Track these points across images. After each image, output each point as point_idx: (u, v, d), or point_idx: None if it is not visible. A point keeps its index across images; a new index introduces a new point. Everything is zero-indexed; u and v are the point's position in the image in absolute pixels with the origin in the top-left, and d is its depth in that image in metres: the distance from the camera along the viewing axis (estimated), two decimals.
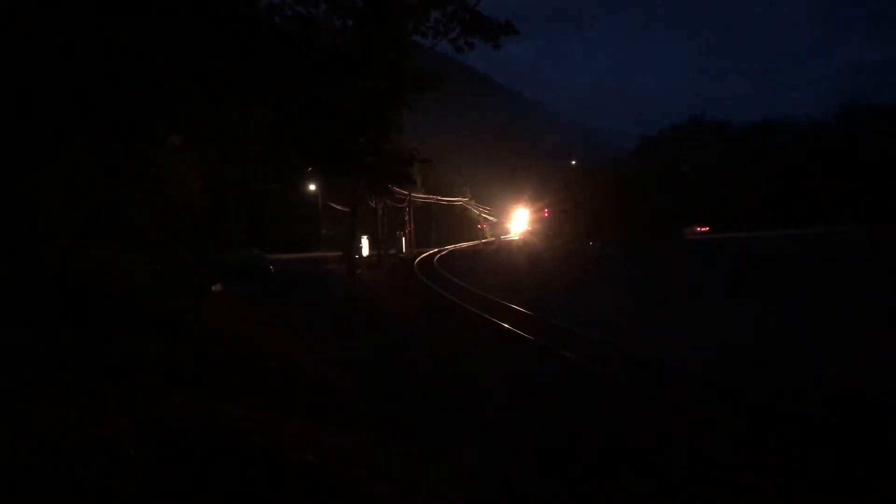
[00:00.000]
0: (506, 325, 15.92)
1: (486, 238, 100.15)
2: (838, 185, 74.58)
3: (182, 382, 8.99)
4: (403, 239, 65.31)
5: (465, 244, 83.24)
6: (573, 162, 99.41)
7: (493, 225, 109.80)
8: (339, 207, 50.67)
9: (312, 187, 61.23)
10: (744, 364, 11.90)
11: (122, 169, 12.81)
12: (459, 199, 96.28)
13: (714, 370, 11.30)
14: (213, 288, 22.04)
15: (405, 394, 10.02)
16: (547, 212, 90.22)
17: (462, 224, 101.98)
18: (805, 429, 8.04)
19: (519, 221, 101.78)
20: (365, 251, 50.44)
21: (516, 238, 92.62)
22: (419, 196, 74.10)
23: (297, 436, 7.44)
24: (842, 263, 33.82)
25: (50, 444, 5.59)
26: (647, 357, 12.30)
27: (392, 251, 59.21)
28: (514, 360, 12.74)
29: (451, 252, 64.65)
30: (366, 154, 19.64)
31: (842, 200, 73.65)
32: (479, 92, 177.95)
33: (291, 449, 7.04)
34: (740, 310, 19.68)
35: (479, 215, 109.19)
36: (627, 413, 8.94)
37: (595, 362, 11.82)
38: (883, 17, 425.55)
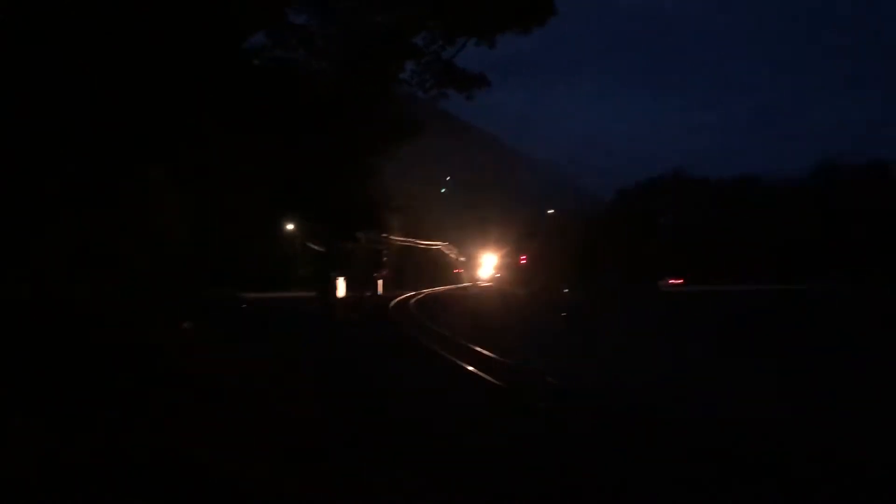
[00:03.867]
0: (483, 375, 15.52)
1: (462, 283, 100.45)
2: (813, 242, 76.43)
3: (143, 417, 9.06)
4: (380, 281, 65.29)
5: (441, 288, 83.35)
6: (550, 210, 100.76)
7: (468, 269, 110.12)
8: (316, 248, 50.73)
9: (290, 226, 61.30)
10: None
11: (102, 200, 12.97)
12: (437, 243, 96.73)
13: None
14: (184, 324, 21.95)
15: (368, 433, 10.09)
16: (524, 258, 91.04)
17: (439, 268, 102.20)
18: None
19: (489, 266, 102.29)
20: (340, 292, 50.36)
21: (490, 284, 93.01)
22: (397, 238, 74.44)
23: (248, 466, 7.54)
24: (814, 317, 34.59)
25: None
26: None
27: (368, 293, 59.11)
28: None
29: (427, 296, 64.73)
30: (336, 200, 19.87)
31: (816, 256, 75.36)
32: (460, 138, 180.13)
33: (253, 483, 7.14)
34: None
35: (457, 259, 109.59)
36: None
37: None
38: (858, 79, 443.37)
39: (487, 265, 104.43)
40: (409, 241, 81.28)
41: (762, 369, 18.25)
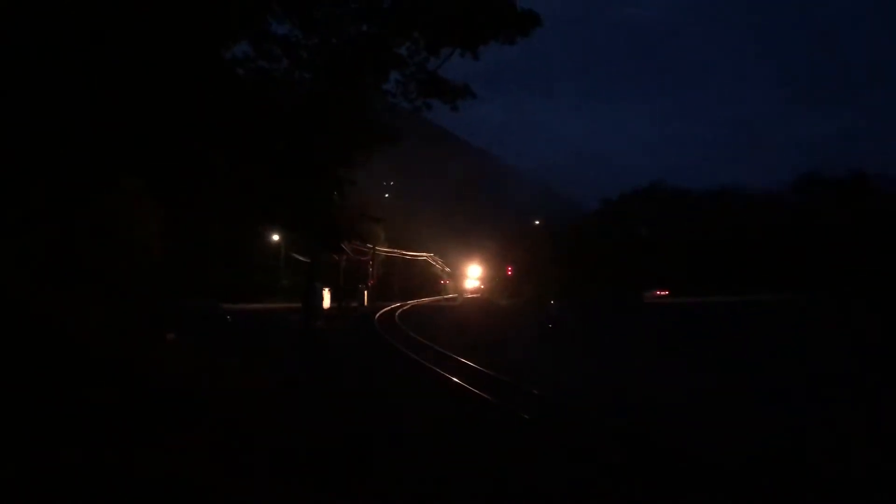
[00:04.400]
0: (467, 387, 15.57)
1: (448, 294, 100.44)
2: (793, 254, 76.96)
3: (126, 433, 8.89)
4: (365, 292, 65.10)
5: (427, 299, 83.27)
6: (536, 221, 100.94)
7: (454, 280, 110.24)
8: (301, 258, 50.50)
9: (276, 237, 61.01)
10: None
11: (76, 211, 12.80)
12: (423, 254, 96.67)
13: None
14: (167, 336, 21.68)
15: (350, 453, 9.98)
16: (510, 270, 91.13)
17: (425, 279, 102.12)
18: None
19: (474, 278, 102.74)
20: (326, 303, 50.14)
21: (476, 295, 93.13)
22: (383, 250, 74.29)
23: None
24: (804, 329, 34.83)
25: None
26: None
27: (354, 304, 58.91)
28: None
29: (413, 307, 64.56)
30: (315, 210, 19.68)
31: (795, 268, 75.86)
32: (446, 149, 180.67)
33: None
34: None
35: (443, 271, 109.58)
36: None
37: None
38: (836, 94, 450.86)
39: (473, 276, 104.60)
40: (395, 253, 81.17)
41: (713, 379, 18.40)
